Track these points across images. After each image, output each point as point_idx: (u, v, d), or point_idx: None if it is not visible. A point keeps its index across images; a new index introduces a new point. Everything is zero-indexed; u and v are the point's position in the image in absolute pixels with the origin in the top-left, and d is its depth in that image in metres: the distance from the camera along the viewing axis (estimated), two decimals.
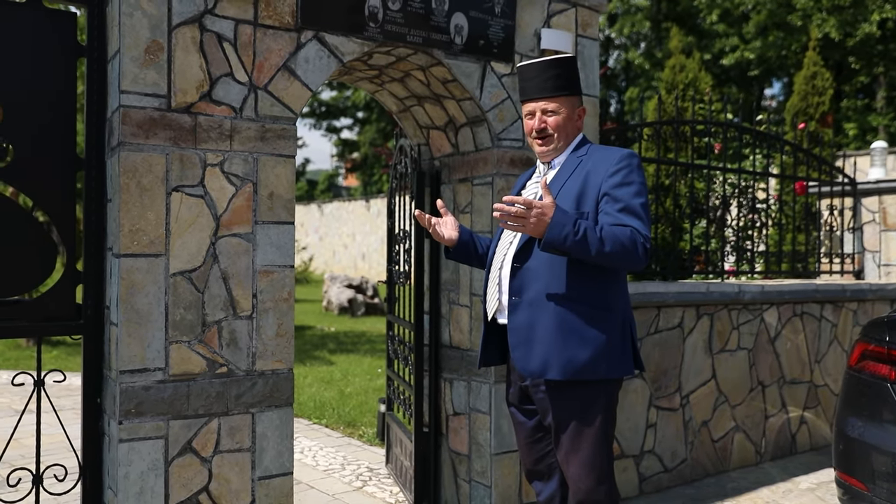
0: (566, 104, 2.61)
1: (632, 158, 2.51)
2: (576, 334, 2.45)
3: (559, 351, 2.45)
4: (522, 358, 2.51)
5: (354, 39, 3.22)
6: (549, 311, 2.47)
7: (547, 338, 2.46)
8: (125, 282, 2.74)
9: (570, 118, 2.62)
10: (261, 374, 3.01)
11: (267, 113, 3.02)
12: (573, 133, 2.65)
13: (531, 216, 2.29)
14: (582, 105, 2.67)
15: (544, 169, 2.69)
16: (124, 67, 2.74)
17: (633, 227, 2.39)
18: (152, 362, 2.80)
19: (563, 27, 3.85)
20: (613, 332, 2.50)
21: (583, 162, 2.57)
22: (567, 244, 2.30)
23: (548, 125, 2.59)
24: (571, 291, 2.46)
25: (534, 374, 2.50)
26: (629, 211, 2.42)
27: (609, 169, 2.48)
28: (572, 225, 2.31)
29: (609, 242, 2.34)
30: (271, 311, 3.03)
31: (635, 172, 2.49)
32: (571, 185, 2.53)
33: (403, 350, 4.40)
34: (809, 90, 8.12)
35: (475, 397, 3.77)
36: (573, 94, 2.63)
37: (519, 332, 2.52)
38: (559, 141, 2.61)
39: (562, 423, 2.54)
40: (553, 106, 2.59)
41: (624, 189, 2.45)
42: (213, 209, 2.91)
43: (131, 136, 2.75)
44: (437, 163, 4.08)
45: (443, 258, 4.03)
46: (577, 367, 2.45)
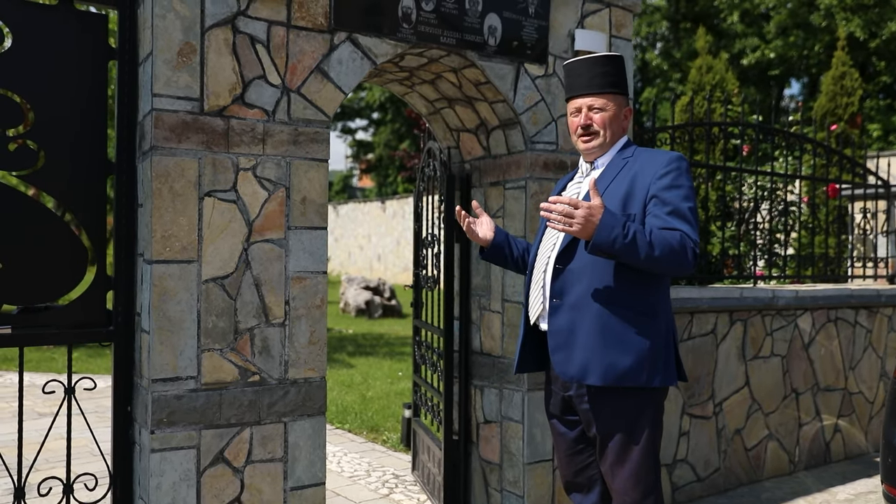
0: (614, 102, 2.54)
1: (680, 162, 2.45)
2: (617, 339, 2.38)
3: (600, 356, 2.38)
4: (562, 362, 2.45)
5: (388, 41, 3.16)
6: (590, 315, 2.41)
7: (588, 342, 2.40)
8: (157, 288, 2.69)
9: (617, 117, 2.55)
10: (293, 382, 2.95)
11: (300, 116, 2.96)
12: (619, 133, 2.58)
13: (578, 216, 2.22)
14: (629, 105, 2.59)
15: (587, 169, 2.62)
16: (157, 70, 2.69)
17: (683, 231, 2.32)
18: (184, 370, 2.74)
19: (596, 28, 3.77)
20: (657, 339, 2.42)
21: (629, 163, 2.50)
22: (615, 247, 2.23)
23: (594, 122, 2.53)
24: (614, 295, 2.39)
25: (573, 378, 2.44)
26: (678, 214, 2.36)
27: (657, 171, 2.42)
28: (621, 227, 2.23)
29: (659, 246, 2.27)
30: (304, 319, 2.97)
31: (684, 176, 2.42)
32: (618, 186, 2.46)
33: (431, 356, 4.33)
34: (838, 91, 7.98)
35: (507, 405, 3.70)
36: (621, 92, 2.56)
37: (559, 335, 2.46)
38: (605, 139, 2.54)
39: (607, 434, 2.47)
40: (600, 102, 2.52)
41: (673, 192, 2.38)
42: (245, 214, 2.86)
43: (164, 140, 2.70)
44: (467, 166, 4.02)
45: (473, 263, 3.96)
46: (618, 372, 2.38)
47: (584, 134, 2.56)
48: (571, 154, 3.71)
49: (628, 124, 2.60)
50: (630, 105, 2.59)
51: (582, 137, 2.57)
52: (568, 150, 3.70)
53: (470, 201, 3.99)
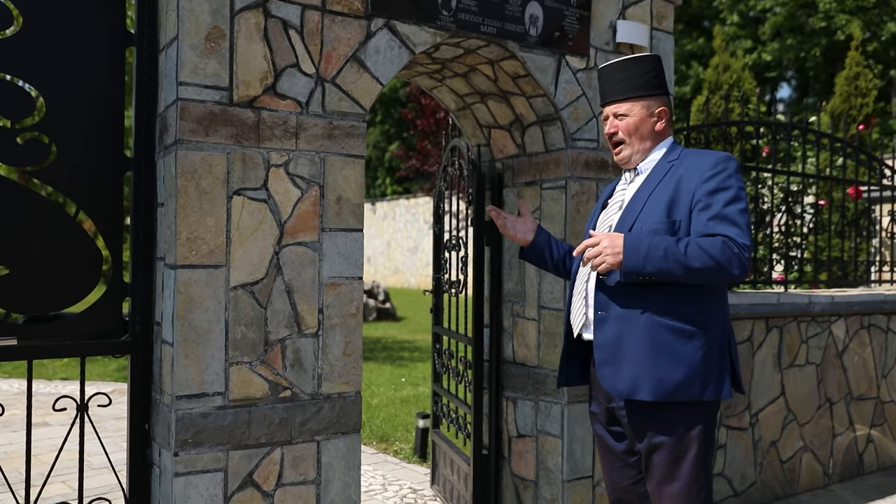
0: (638, 106, 2.42)
1: (728, 162, 2.28)
2: (668, 352, 2.24)
3: (650, 369, 2.24)
4: (610, 377, 2.30)
5: (427, 29, 2.93)
6: (638, 327, 2.26)
7: (636, 355, 2.25)
8: (182, 296, 2.45)
9: (644, 121, 2.42)
10: (327, 397, 2.72)
11: (335, 108, 2.73)
12: (652, 137, 2.43)
13: (604, 252, 2.18)
14: (663, 106, 2.43)
15: (630, 176, 2.48)
16: (183, 56, 2.45)
17: (728, 236, 2.17)
18: (211, 386, 2.50)
19: (637, 19, 3.57)
20: (710, 350, 2.27)
21: (674, 167, 2.36)
22: (647, 269, 2.15)
23: (619, 130, 2.43)
24: (663, 305, 2.25)
25: (622, 393, 2.29)
26: (723, 218, 2.20)
27: (703, 174, 2.26)
28: (647, 248, 2.15)
29: (697, 258, 2.14)
30: (338, 328, 2.74)
31: (733, 177, 2.26)
32: (661, 191, 2.32)
33: (456, 365, 4.10)
34: (852, 91, 7.84)
35: (544, 418, 3.48)
36: (647, 95, 2.41)
37: (606, 348, 2.31)
38: (632, 147, 2.43)
39: (654, 450, 2.31)
40: (623, 108, 2.43)
41: (719, 195, 2.23)
42: (276, 215, 2.62)
43: (190, 132, 2.46)
44: (498, 165, 3.80)
45: (505, 267, 3.74)
46: (670, 387, 2.23)
47: (612, 143, 2.48)
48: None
49: (665, 126, 2.44)
50: (667, 105, 2.40)
51: (613, 148, 2.49)
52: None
53: (501, 202, 3.77)
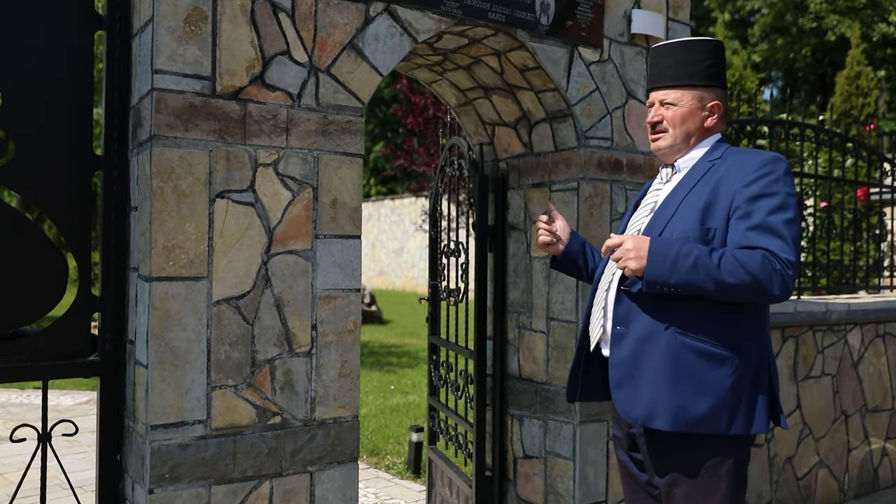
0: (690, 97, 2.14)
1: (776, 164, 2.00)
2: (692, 377, 1.96)
3: (669, 395, 1.97)
4: (624, 400, 2.05)
5: (430, 15, 2.66)
6: (660, 347, 1.99)
7: (656, 378, 1.99)
8: (158, 312, 2.16)
9: (694, 114, 2.14)
10: (321, 423, 2.44)
11: (330, 101, 2.46)
12: (699, 132, 2.16)
13: (626, 255, 1.94)
14: (717, 100, 2.15)
15: (667, 173, 2.21)
16: (159, 41, 2.16)
17: (770, 249, 1.89)
18: (191, 413, 2.22)
19: (653, 9, 3.32)
20: (742, 378, 1.98)
21: (715, 166, 2.08)
22: (673, 280, 1.90)
23: (664, 119, 2.15)
24: (690, 324, 1.97)
25: (637, 420, 2.02)
26: (766, 229, 1.92)
27: (746, 176, 1.99)
28: (675, 256, 1.89)
29: (731, 272, 1.87)
30: (333, 346, 2.46)
31: (781, 181, 1.97)
32: (697, 194, 2.05)
33: (455, 379, 3.84)
34: (853, 91, 7.66)
35: (554, 439, 3.22)
36: (704, 86, 2.14)
37: (622, 368, 2.05)
38: (674, 139, 2.15)
39: (671, 487, 2.05)
40: (673, 96, 2.14)
41: (762, 201, 1.95)
42: (265, 220, 2.34)
43: (167, 127, 2.17)
44: (502, 165, 3.53)
45: (510, 275, 3.47)
46: (691, 417, 1.96)
47: (652, 132, 2.19)
48: (627, 152, 3.25)
49: (716, 122, 2.16)
50: (721, 99, 2.15)
51: (652, 135, 2.20)
52: (623, 147, 3.24)
53: (506, 205, 3.50)
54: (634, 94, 3.27)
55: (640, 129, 3.29)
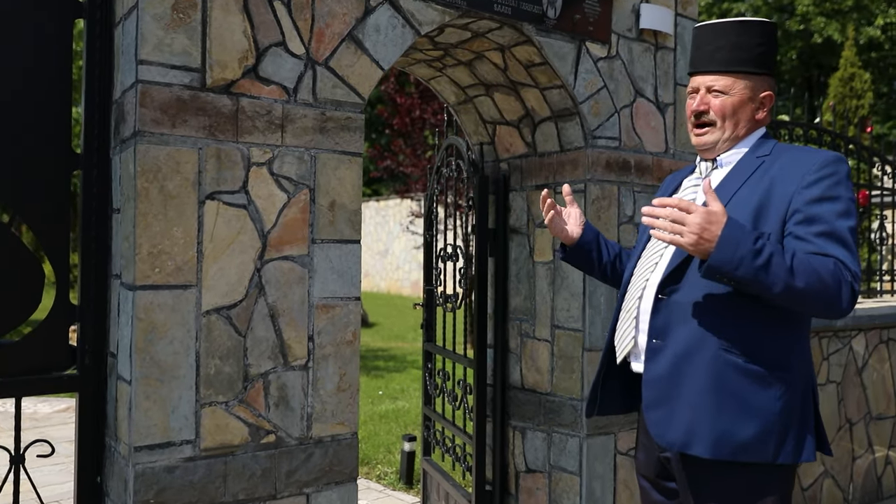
0: (742, 85, 1.92)
1: (839, 164, 1.81)
2: (737, 400, 1.77)
3: (711, 419, 1.77)
4: (659, 422, 1.85)
5: (434, 6, 2.51)
6: (702, 364, 1.79)
7: (696, 399, 1.79)
8: (143, 323, 1.99)
9: (745, 104, 1.93)
10: (318, 441, 2.27)
11: (328, 97, 2.30)
12: (748, 124, 1.95)
13: (692, 223, 1.65)
14: (769, 90, 1.95)
15: (706, 168, 1.99)
16: (144, 29, 1.99)
17: (839, 258, 1.71)
18: (178, 433, 2.04)
19: (661, 3, 3.19)
20: (791, 401, 1.80)
21: (765, 164, 1.89)
22: (740, 271, 1.64)
23: (711, 108, 1.93)
24: (736, 340, 1.78)
25: (673, 444, 1.83)
26: (833, 237, 1.74)
27: (806, 177, 1.79)
28: (751, 244, 1.64)
29: (803, 276, 1.66)
30: (331, 359, 2.30)
31: (843, 185, 1.79)
32: (748, 193, 1.85)
33: (452, 388, 3.68)
34: (847, 93, 7.60)
35: (558, 452, 3.08)
36: (756, 72, 1.92)
37: (657, 386, 1.85)
38: (723, 131, 1.93)
39: None
40: (723, 83, 1.91)
41: (826, 205, 1.76)
42: (258, 224, 2.18)
43: (153, 123, 2.00)
44: (504, 165, 3.38)
45: (512, 281, 3.33)
46: (735, 444, 1.77)
47: (697, 123, 1.96)
48: (635, 152, 3.11)
49: (766, 114, 1.97)
50: (773, 90, 1.96)
51: (695, 129, 1.97)
52: (631, 148, 3.10)
53: (507, 207, 3.36)
54: (643, 92, 3.14)
55: (648, 129, 3.16)
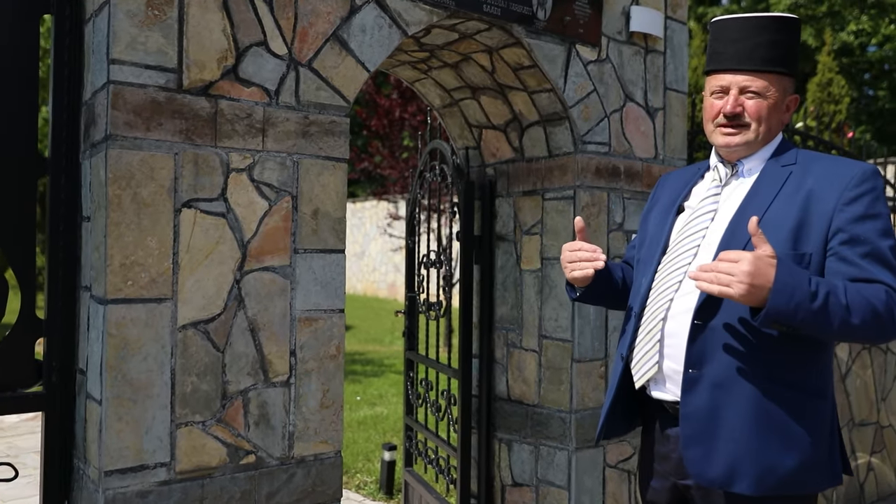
0: (778, 86, 1.78)
1: (876, 178, 1.71)
2: (780, 432, 1.67)
3: (756, 453, 1.67)
4: (700, 459, 1.72)
5: (422, 6, 2.41)
6: (743, 396, 1.67)
7: (738, 433, 1.69)
8: (114, 339, 1.87)
9: (779, 108, 1.80)
10: (300, 461, 2.17)
11: (311, 99, 2.19)
12: (777, 129, 1.82)
13: (740, 273, 1.53)
14: (794, 93, 1.84)
15: (724, 174, 1.84)
16: (117, 26, 1.87)
17: (888, 284, 1.62)
18: (152, 456, 1.93)
19: (651, 6, 3.12)
20: (824, 427, 1.73)
21: (794, 175, 1.75)
22: (798, 318, 1.54)
23: (746, 110, 1.77)
24: (777, 367, 1.66)
25: (714, 483, 1.71)
26: (879, 258, 1.64)
27: (846, 193, 1.67)
28: (807, 286, 1.54)
29: (859, 312, 1.56)
30: (314, 374, 2.20)
31: (881, 201, 1.70)
32: (784, 209, 1.71)
33: (436, 399, 3.59)
34: (825, 98, 7.64)
35: (546, 466, 2.99)
36: (788, 73, 1.80)
37: (697, 421, 1.72)
38: (756, 135, 1.79)
39: None
40: (760, 84, 1.76)
41: (868, 224, 1.65)
42: (238, 233, 2.07)
43: (125, 126, 1.88)
44: (490, 170, 3.30)
45: (498, 289, 3.24)
46: (780, 478, 1.67)
47: (728, 124, 1.78)
48: (625, 158, 3.04)
49: (789, 118, 1.86)
50: (797, 91, 1.86)
51: (724, 128, 1.80)
52: (621, 153, 3.03)
53: (494, 213, 3.27)
54: (632, 96, 3.07)
55: (638, 134, 3.09)
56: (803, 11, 15.98)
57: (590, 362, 2.93)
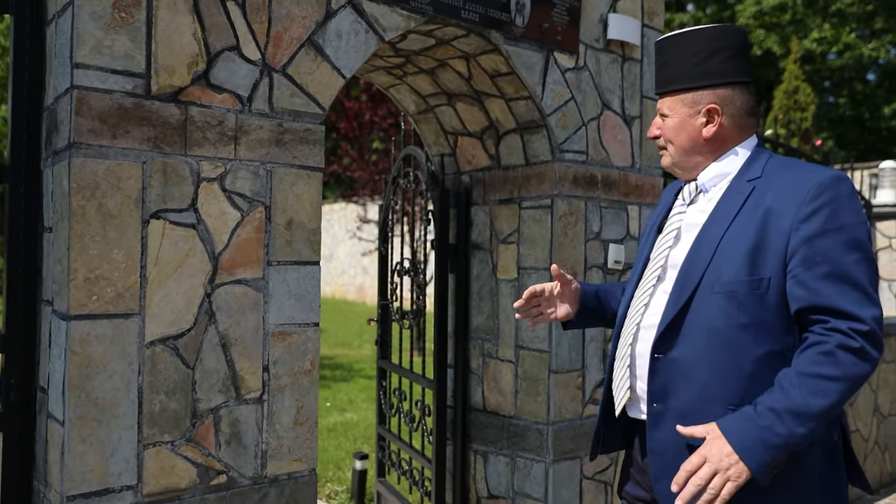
0: (679, 104, 1.72)
1: (837, 187, 1.56)
2: None
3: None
4: (671, 494, 1.61)
5: (399, 11, 2.36)
6: None
7: None
8: (78, 357, 1.78)
9: (684, 124, 1.71)
10: (273, 480, 2.09)
11: (285, 106, 2.12)
12: (699, 147, 1.72)
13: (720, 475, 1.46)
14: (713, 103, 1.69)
15: (690, 193, 1.78)
16: (81, 28, 1.79)
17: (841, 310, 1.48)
18: (118, 478, 1.84)
19: (628, 13, 3.10)
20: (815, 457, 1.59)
21: (756, 190, 1.65)
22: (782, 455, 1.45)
23: (662, 132, 1.76)
24: (744, 397, 1.56)
25: None
26: (839, 277, 1.50)
27: (802, 209, 1.55)
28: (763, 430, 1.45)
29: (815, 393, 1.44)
30: (288, 390, 2.12)
31: (844, 210, 1.55)
32: (741, 230, 1.61)
33: (410, 409, 3.53)
34: (791, 105, 7.73)
35: (523, 478, 2.95)
36: (693, 88, 1.71)
37: (664, 456, 1.65)
38: (675, 156, 1.75)
39: None
40: (665, 106, 1.74)
41: (828, 240, 1.52)
42: (209, 245, 1.99)
43: (90, 133, 1.80)
44: (465, 178, 3.25)
45: (473, 298, 3.19)
46: None
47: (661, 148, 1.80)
48: (602, 167, 3.02)
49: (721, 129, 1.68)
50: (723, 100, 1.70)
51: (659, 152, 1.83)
52: (598, 162, 3.01)
53: (469, 221, 3.22)
54: (609, 104, 3.05)
55: (615, 143, 3.07)
56: (768, 19, 16.26)
57: (567, 373, 2.90)
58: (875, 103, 18.27)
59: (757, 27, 16.54)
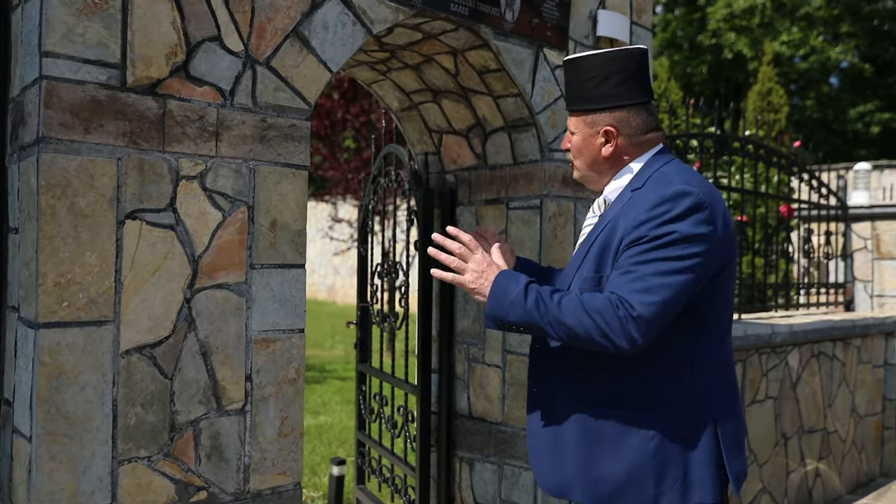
0: (582, 123, 1.80)
1: (677, 201, 1.62)
2: (608, 444, 1.70)
3: (586, 465, 1.71)
4: (543, 472, 1.80)
5: (388, 3, 2.26)
6: (572, 413, 1.74)
7: (570, 447, 1.74)
8: (47, 368, 1.66)
9: (587, 142, 1.79)
10: (256, 495, 1.98)
11: (269, 101, 2.01)
12: (598, 164, 1.80)
13: (470, 268, 1.74)
14: (608, 125, 1.74)
15: (599, 205, 1.85)
16: (51, 14, 1.66)
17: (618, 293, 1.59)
18: (90, 497, 1.72)
19: (617, 10, 3.04)
20: (669, 437, 1.66)
21: (631, 199, 1.73)
22: (512, 318, 1.66)
23: (571, 147, 1.85)
24: (603, 386, 1.70)
25: (555, 493, 1.77)
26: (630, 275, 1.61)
27: (638, 216, 1.65)
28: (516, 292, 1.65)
29: (572, 313, 1.61)
30: (272, 400, 2.01)
31: (677, 220, 1.61)
32: (602, 234, 1.73)
33: (392, 415, 3.43)
34: (764, 106, 7.78)
35: (511, 486, 2.87)
36: (591, 110, 1.78)
37: (538, 436, 1.80)
38: (582, 171, 1.85)
39: None
40: (572, 124, 1.83)
41: (642, 245, 1.62)
42: (188, 247, 1.87)
43: (61, 127, 1.67)
44: (450, 177, 3.16)
45: (458, 301, 3.10)
46: (610, 489, 1.67)
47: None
48: None
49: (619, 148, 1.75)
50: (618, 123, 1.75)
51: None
52: None
53: (455, 222, 3.13)
54: None
55: None
56: (738, 22, 16.44)
57: None
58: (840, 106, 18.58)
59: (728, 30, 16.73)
